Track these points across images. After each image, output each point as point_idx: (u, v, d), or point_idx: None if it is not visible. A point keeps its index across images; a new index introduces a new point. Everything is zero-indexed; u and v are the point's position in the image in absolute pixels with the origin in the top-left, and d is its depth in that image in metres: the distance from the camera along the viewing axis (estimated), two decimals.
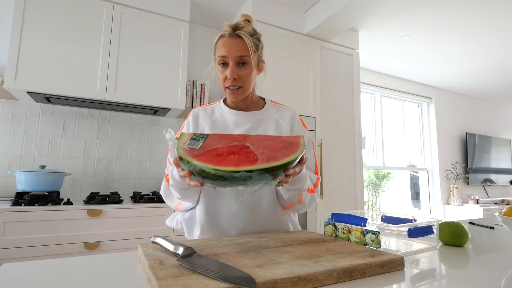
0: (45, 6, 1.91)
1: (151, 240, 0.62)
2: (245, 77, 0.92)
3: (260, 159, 0.59)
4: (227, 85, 0.92)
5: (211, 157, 0.60)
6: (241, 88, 0.92)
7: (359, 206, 2.69)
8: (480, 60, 3.56)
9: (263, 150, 0.63)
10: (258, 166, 0.57)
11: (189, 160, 0.59)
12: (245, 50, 0.91)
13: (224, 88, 0.93)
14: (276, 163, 0.59)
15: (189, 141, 0.64)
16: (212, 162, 0.58)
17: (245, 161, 0.59)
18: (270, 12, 2.45)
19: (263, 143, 0.66)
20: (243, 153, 0.62)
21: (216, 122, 0.96)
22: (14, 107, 2.08)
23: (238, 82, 0.91)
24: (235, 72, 0.90)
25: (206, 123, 0.96)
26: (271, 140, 0.67)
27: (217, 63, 0.93)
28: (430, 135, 4.44)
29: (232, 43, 0.90)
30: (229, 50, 0.89)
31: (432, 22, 2.76)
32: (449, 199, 4.33)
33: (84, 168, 2.24)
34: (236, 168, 0.56)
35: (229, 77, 0.90)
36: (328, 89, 2.69)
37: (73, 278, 0.49)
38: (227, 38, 0.91)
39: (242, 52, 0.90)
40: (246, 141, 0.66)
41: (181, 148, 0.62)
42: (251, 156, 0.60)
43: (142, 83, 2.14)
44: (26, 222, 1.60)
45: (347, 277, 0.49)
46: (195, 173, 0.59)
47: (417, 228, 0.71)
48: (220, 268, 0.47)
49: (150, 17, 2.22)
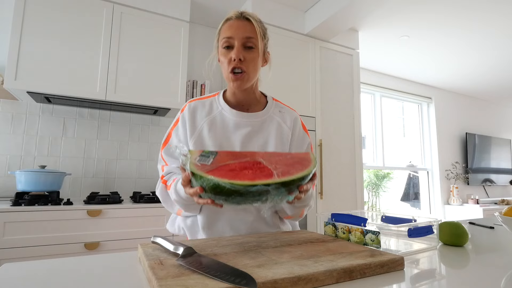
0: (45, 6, 1.92)
1: (151, 240, 0.62)
2: (250, 61, 0.84)
3: (275, 173, 0.59)
4: (231, 67, 0.83)
5: (224, 172, 0.59)
6: (246, 74, 0.84)
7: (359, 206, 2.69)
8: (480, 60, 3.56)
9: (276, 165, 0.63)
10: (275, 180, 0.57)
11: (203, 175, 0.57)
12: (253, 32, 0.85)
13: (228, 74, 0.85)
14: (293, 177, 0.59)
15: (199, 158, 0.63)
16: (226, 176, 0.57)
17: (261, 175, 0.58)
18: (270, 12, 2.45)
19: (275, 159, 0.66)
20: (257, 168, 0.62)
21: (215, 121, 0.89)
22: (14, 107, 2.08)
23: (243, 65, 0.83)
24: (241, 53, 0.83)
25: (205, 123, 0.89)
26: (282, 156, 0.68)
27: (221, 46, 0.85)
28: (430, 135, 4.44)
29: (240, 25, 0.84)
30: (236, 31, 0.83)
31: (432, 22, 2.76)
32: (449, 199, 4.33)
33: (84, 168, 2.24)
34: (252, 182, 0.55)
35: (234, 58, 0.82)
36: (328, 89, 2.69)
37: (73, 278, 0.49)
38: (234, 20, 0.85)
39: (250, 34, 0.84)
40: (257, 157, 0.66)
41: (193, 164, 0.60)
42: (265, 171, 0.60)
43: (142, 83, 2.14)
44: (26, 222, 1.60)
45: (347, 277, 0.49)
46: (208, 189, 0.58)
47: (417, 228, 0.71)
48: (220, 268, 0.47)
49: (150, 17, 2.22)
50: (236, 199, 0.57)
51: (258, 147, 0.89)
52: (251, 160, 0.65)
